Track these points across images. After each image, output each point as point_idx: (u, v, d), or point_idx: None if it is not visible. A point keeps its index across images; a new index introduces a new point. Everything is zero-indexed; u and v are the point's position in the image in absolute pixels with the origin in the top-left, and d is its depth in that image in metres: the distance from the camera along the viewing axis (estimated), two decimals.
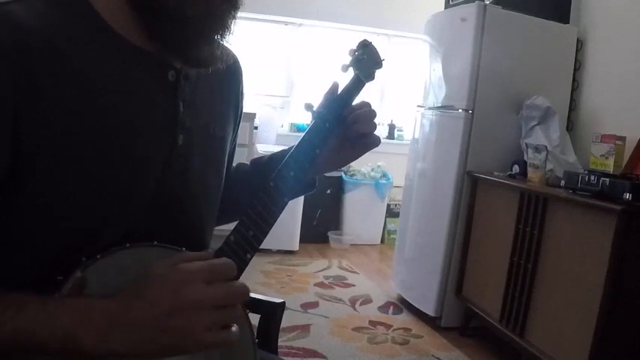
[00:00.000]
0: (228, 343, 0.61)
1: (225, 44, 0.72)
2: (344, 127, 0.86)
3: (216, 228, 0.88)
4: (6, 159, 0.59)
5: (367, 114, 0.86)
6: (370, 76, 0.88)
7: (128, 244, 0.65)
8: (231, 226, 0.77)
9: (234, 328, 0.62)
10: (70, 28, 0.63)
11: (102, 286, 0.62)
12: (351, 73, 0.87)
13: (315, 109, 0.84)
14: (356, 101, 0.88)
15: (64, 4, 0.64)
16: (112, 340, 0.57)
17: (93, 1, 0.66)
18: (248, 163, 1.01)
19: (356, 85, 0.86)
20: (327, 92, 0.86)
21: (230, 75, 0.85)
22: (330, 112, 0.84)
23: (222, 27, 0.69)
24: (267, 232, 0.76)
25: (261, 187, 0.77)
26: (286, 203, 0.79)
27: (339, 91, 0.86)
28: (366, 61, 0.86)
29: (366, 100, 0.89)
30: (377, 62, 0.88)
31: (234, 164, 0.97)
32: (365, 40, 0.88)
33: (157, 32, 0.67)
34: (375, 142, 0.88)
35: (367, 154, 0.90)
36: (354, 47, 0.87)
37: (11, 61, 0.58)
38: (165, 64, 0.71)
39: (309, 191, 0.91)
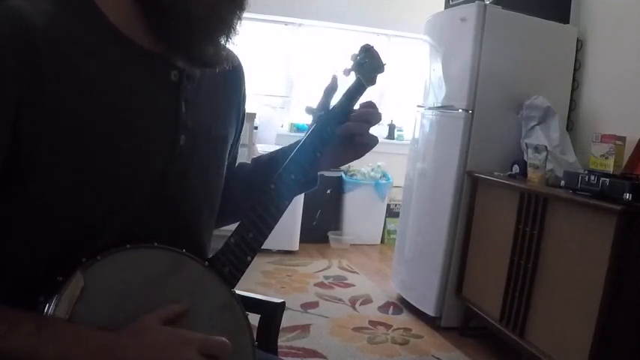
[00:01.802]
0: None
1: (229, 47, 0.72)
2: (351, 112, 0.85)
3: (218, 229, 0.88)
4: (6, 154, 0.59)
5: (365, 114, 0.85)
6: (372, 80, 0.87)
7: (128, 245, 0.65)
8: (232, 227, 0.77)
9: None
10: (74, 27, 0.63)
11: (101, 287, 0.62)
12: (352, 77, 0.87)
13: (316, 112, 0.84)
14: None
15: (70, 3, 0.64)
16: None
17: (98, 1, 0.66)
18: (249, 162, 1.01)
19: (357, 89, 0.86)
20: (327, 88, 0.85)
21: (233, 77, 0.85)
22: (332, 115, 0.84)
23: (228, 27, 0.69)
24: (268, 235, 0.76)
25: (262, 190, 0.77)
26: (287, 206, 0.79)
27: (341, 95, 0.86)
28: (368, 65, 0.86)
29: (367, 98, 0.89)
30: (378, 66, 0.88)
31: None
32: (367, 44, 0.88)
33: (162, 32, 0.67)
34: (370, 142, 0.86)
35: (367, 154, 0.89)
36: (356, 51, 0.87)
37: (20, 57, 0.58)
38: (168, 65, 0.71)
39: (311, 188, 0.91)
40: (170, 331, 0.62)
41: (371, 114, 0.85)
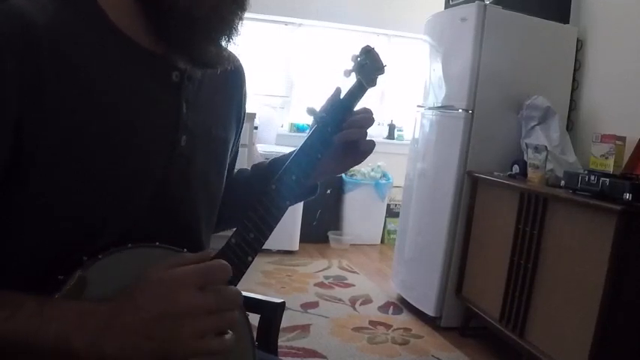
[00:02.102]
0: (221, 350, 0.60)
1: (229, 47, 0.72)
2: (353, 114, 0.86)
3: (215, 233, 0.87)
4: (7, 155, 0.59)
5: (359, 120, 0.85)
6: (372, 82, 0.88)
7: (130, 245, 0.65)
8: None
9: (227, 336, 0.61)
10: (75, 26, 0.63)
11: (103, 286, 0.62)
12: (353, 79, 0.87)
13: (317, 113, 0.84)
14: (358, 106, 0.88)
15: (71, 2, 0.64)
16: (103, 344, 0.56)
17: (100, 1, 0.66)
18: (248, 167, 1.01)
19: (358, 91, 0.86)
20: (330, 98, 0.86)
21: (233, 78, 0.85)
22: (332, 117, 0.84)
23: (229, 28, 0.69)
24: (268, 236, 0.76)
25: (263, 190, 0.77)
26: (288, 206, 0.79)
27: (342, 96, 0.86)
28: (369, 66, 0.86)
29: (367, 99, 0.89)
30: (379, 68, 0.88)
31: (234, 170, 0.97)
32: (367, 45, 0.88)
33: (163, 32, 0.67)
34: (367, 148, 0.87)
35: None
36: (357, 53, 0.87)
37: (21, 57, 0.58)
38: (170, 65, 0.71)
39: (310, 196, 0.91)
40: (165, 275, 0.59)
41: (365, 119, 0.86)
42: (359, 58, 0.87)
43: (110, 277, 0.63)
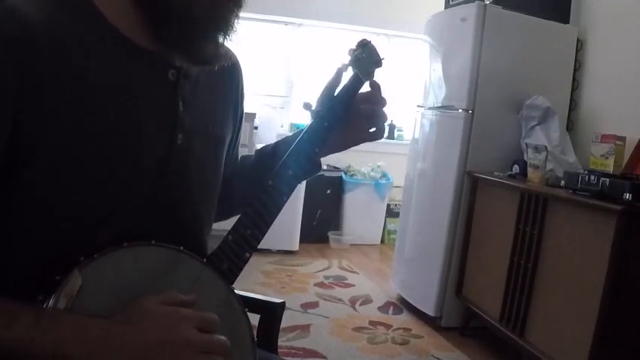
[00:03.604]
0: None
1: (226, 44, 0.72)
2: (350, 108, 0.86)
3: (215, 228, 0.88)
4: (3, 152, 0.59)
5: (374, 95, 0.87)
6: (369, 75, 0.87)
7: (125, 244, 0.65)
8: (230, 224, 0.77)
9: None
10: (72, 26, 0.63)
11: (99, 285, 0.62)
12: (350, 73, 0.87)
13: (313, 108, 0.84)
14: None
15: (67, 3, 0.64)
16: (100, 357, 0.57)
17: (97, 1, 0.66)
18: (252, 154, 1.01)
19: (355, 84, 0.86)
20: (330, 82, 0.85)
21: (230, 75, 0.85)
22: (329, 111, 0.84)
23: (226, 25, 0.69)
24: (266, 232, 0.76)
25: (260, 187, 0.77)
26: (285, 202, 0.79)
27: (338, 90, 0.86)
28: (365, 60, 0.86)
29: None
30: (376, 61, 0.88)
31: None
32: (364, 39, 0.88)
33: (161, 31, 0.67)
34: (381, 123, 0.87)
35: (367, 154, 0.89)
36: (354, 46, 0.87)
37: (19, 55, 0.58)
38: (166, 64, 0.71)
39: (313, 174, 0.90)
40: (166, 309, 0.62)
41: (376, 95, 0.87)
42: (356, 52, 0.86)
43: (106, 277, 0.63)
